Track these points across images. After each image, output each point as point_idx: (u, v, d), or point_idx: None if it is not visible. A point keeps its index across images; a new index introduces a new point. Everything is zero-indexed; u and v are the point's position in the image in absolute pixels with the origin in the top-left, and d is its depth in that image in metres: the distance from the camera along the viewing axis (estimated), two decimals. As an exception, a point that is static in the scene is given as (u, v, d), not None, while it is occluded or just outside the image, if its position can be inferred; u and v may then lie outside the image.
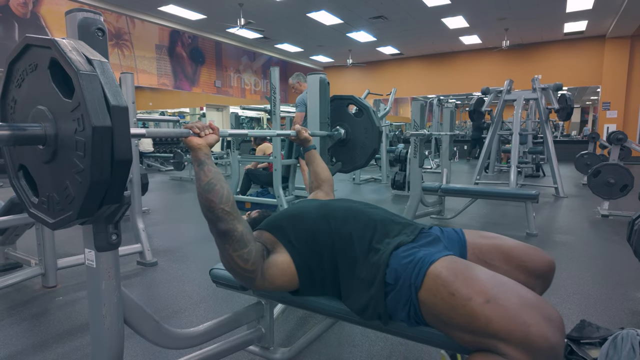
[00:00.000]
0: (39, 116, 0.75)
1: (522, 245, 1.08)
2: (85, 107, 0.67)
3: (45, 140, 0.74)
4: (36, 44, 0.75)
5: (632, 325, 1.48)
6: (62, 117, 0.72)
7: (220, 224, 0.98)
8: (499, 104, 5.92)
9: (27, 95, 0.79)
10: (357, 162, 1.98)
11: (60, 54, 0.68)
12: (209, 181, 0.98)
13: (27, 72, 0.78)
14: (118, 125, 0.70)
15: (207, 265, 2.52)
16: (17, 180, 0.87)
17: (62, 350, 1.54)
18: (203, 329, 1.18)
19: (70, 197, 0.73)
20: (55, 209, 0.78)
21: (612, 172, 3.76)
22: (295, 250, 1.08)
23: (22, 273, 2.06)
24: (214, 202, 0.97)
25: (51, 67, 0.72)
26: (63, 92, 0.71)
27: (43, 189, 0.81)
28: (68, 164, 0.72)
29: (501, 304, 0.78)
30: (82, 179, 0.70)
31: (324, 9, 8.54)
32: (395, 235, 1.04)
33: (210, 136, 1.06)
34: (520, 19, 9.07)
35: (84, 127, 0.68)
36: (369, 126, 1.90)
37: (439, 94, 12.28)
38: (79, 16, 0.87)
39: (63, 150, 0.73)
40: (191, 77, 11.62)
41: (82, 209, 0.71)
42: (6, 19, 7.62)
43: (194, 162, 1.02)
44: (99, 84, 0.69)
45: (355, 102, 1.94)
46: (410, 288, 0.90)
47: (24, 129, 0.73)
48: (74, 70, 0.67)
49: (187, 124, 1.05)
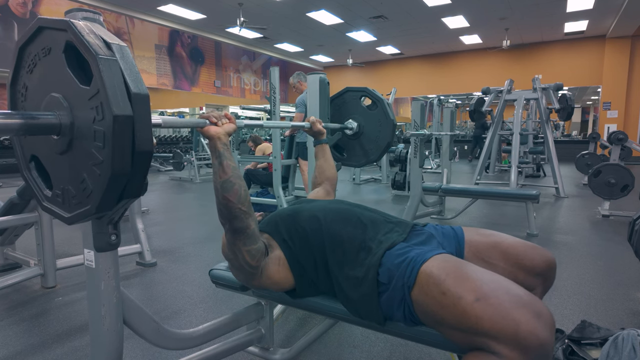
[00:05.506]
0: (53, 104, 0.70)
1: (520, 242, 1.07)
2: (105, 94, 0.62)
3: (60, 130, 0.69)
4: (50, 26, 0.69)
5: (633, 326, 1.47)
6: (79, 105, 0.67)
7: (236, 221, 0.97)
8: (500, 103, 5.91)
9: (39, 82, 0.74)
10: (371, 155, 1.91)
11: (77, 37, 0.63)
12: (228, 179, 0.97)
13: (40, 56, 0.73)
14: (139, 113, 0.65)
15: (206, 266, 2.52)
16: (29, 172, 0.82)
17: (62, 351, 1.54)
18: (203, 330, 1.17)
19: (87, 190, 0.68)
20: (71, 203, 0.73)
21: (613, 172, 3.76)
22: (288, 249, 1.09)
23: (21, 273, 2.06)
24: (232, 202, 0.96)
25: (66, 52, 0.67)
26: (80, 79, 0.66)
27: (57, 181, 0.76)
28: (85, 155, 0.67)
29: (490, 302, 0.78)
30: (101, 171, 0.65)
31: (324, 9, 8.54)
32: (386, 233, 1.05)
33: (228, 125, 1.04)
34: (521, 18, 9.06)
35: (104, 115, 0.63)
36: (383, 119, 1.83)
37: (439, 93, 12.27)
38: (79, 16, 0.87)
39: (79, 140, 0.68)
40: (191, 77, 11.61)
41: (101, 203, 0.67)
42: (5, 19, 7.61)
43: (212, 154, 1.00)
44: (119, 70, 0.64)
45: (369, 95, 1.88)
46: (404, 288, 0.91)
47: (36, 118, 0.67)
48: (92, 55, 0.62)
49: (203, 114, 1.03)
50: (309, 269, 1.08)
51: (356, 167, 1.96)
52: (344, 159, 1.97)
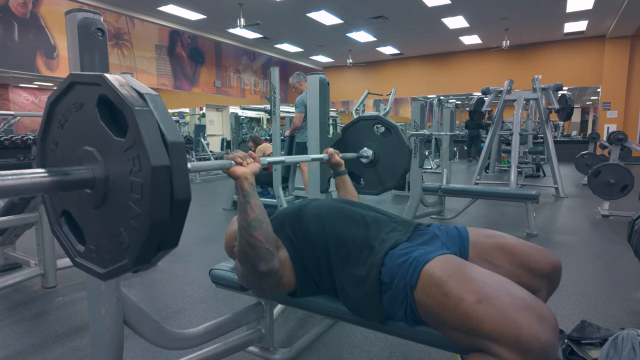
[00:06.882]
0: (86, 157, 0.68)
1: (525, 244, 1.06)
2: (142, 145, 0.61)
3: (94, 184, 0.67)
4: (83, 82, 0.69)
5: (633, 326, 1.47)
6: (114, 157, 0.66)
7: (262, 264, 0.97)
8: (499, 104, 5.91)
9: (71, 136, 0.72)
10: (387, 183, 1.88)
11: (112, 91, 0.63)
12: (256, 217, 0.96)
13: (71, 111, 0.71)
14: (176, 162, 0.64)
15: (206, 266, 2.52)
16: (59, 227, 0.79)
17: (62, 351, 1.54)
18: (203, 330, 1.17)
19: (124, 244, 0.66)
20: (105, 258, 0.70)
21: (613, 172, 3.76)
22: (292, 246, 1.10)
23: (21, 273, 2.06)
24: (260, 242, 0.95)
25: (99, 105, 0.67)
26: (114, 131, 0.65)
27: (91, 236, 0.73)
28: (121, 208, 0.65)
29: (493, 304, 0.77)
30: (139, 224, 0.63)
31: (323, 9, 8.54)
32: (389, 232, 1.05)
33: (253, 164, 1.04)
34: (521, 18, 9.06)
35: (141, 167, 0.62)
36: (399, 146, 1.82)
37: (439, 94, 12.26)
38: (79, 16, 0.87)
39: (115, 193, 0.66)
40: (191, 77, 11.61)
41: (140, 256, 0.65)
42: (5, 19, 7.61)
43: (238, 193, 0.99)
44: (155, 120, 0.63)
45: (382, 122, 1.88)
46: (406, 287, 0.90)
47: (69, 174, 0.65)
48: (129, 107, 0.61)
49: (228, 155, 1.04)
50: (311, 267, 1.09)
51: (373, 195, 1.94)
52: (360, 187, 1.95)
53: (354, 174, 1.92)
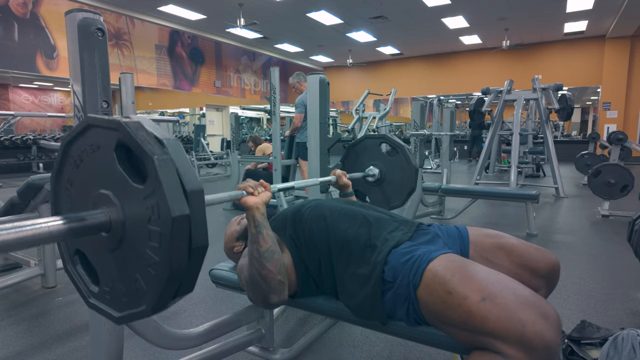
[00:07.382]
0: (102, 201, 0.66)
1: (524, 244, 1.07)
2: (162, 195, 0.59)
3: (110, 227, 0.66)
4: (99, 125, 0.66)
5: (633, 326, 1.47)
6: (131, 203, 0.64)
7: (273, 296, 0.96)
8: (499, 104, 5.91)
9: (86, 177, 0.70)
10: (393, 202, 1.88)
11: (130, 137, 0.61)
12: (269, 248, 0.96)
13: (88, 152, 0.69)
14: (195, 210, 0.62)
15: (207, 265, 2.51)
16: (72, 266, 0.78)
17: (62, 351, 1.54)
18: (203, 330, 1.17)
19: (141, 291, 0.64)
20: (120, 301, 0.68)
21: (613, 172, 3.76)
22: (294, 246, 1.10)
23: (21, 273, 2.06)
24: (273, 273, 0.95)
25: (117, 150, 0.64)
26: (132, 177, 0.63)
27: (105, 278, 0.71)
28: (138, 254, 0.64)
29: (497, 302, 0.78)
30: (157, 272, 0.62)
31: (323, 9, 8.54)
32: (392, 232, 1.05)
33: (264, 194, 1.04)
34: (521, 19, 9.07)
35: (160, 215, 0.60)
36: (405, 165, 1.82)
37: (439, 94, 12.26)
38: (79, 16, 0.88)
39: (131, 238, 0.65)
40: (191, 77, 11.61)
41: (157, 304, 0.63)
42: (5, 19, 7.61)
43: (250, 224, 0.99)
44: (175, 168, 0.61)
45: (388, 141, 1.88)
46: (409, 286, 0.91)
47: (84, 219, 0.63)
48: (149, 156, 0.59)
49: (239, 185, 1.03)
50: (312, 268, 1.09)
51: None
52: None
53: (359, 191, 1.91)
